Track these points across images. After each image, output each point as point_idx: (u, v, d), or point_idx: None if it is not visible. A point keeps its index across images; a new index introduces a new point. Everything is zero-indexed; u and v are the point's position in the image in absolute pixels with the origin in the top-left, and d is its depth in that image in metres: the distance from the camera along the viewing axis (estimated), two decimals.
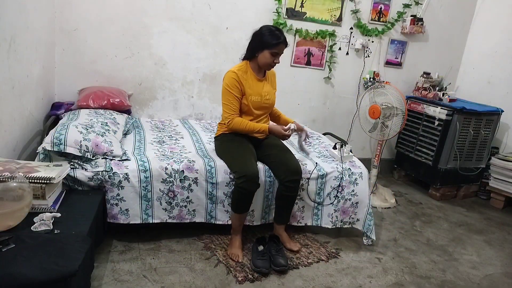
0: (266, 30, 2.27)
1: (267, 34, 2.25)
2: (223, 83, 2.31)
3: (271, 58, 2.27)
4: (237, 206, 2.23)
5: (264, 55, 2.27)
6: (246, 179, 2.13)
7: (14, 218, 1.56)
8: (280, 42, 2.24)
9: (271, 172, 2.34)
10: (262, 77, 2.40)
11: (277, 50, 2.25)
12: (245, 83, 2.30)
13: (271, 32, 2.25)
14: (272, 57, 2.27)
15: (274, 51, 2.25)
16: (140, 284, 1.92)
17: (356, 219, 2.52)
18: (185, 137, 2.76)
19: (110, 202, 2.13)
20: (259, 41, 2.27)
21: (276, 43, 2.23)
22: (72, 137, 2.09)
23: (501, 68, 3.77)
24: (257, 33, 2.30)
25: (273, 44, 2.23)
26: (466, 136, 3.45)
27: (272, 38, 2.23)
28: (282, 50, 2.29)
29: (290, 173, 2.25)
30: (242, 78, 2.29)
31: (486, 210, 3.43)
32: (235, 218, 2.27)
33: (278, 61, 2.31)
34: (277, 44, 2.24)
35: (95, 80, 3.05)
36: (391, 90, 3.14)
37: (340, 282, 2.14)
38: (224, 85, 2.29)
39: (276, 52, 2.26)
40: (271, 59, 2.27)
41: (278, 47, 2.25)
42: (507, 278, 2.39)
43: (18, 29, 2.11)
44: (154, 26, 3.11)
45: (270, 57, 2.27)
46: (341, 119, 3.87)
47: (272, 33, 2.24)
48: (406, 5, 3.68)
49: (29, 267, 1.32)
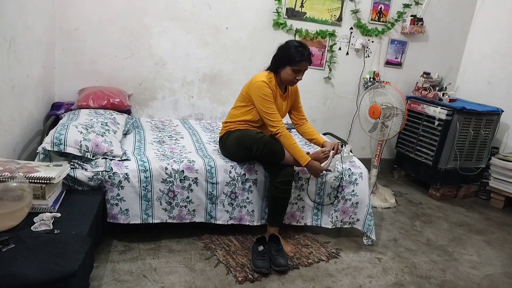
0: (290, 46, 2.23)
1: (291, 50, 2.21)
2: (257, 92, 2.23)
3: (293, 75, 2.23)
4: None
5: (286, 71, 2.23)
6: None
7: (14, 218, 1.56)
8: (303, 59, 2.19)
9: None
10: (284, 92, 2.38)
11: (299, 67, 2.21)
12: (274, 95, 2.28)
13: (295, 48, 2.20)
14: (294, 73, 2.23)
15: (296, 68, 2.21)
16: (140, 284, 1.92)
17: (356, 219, 2.52)
18: (185, 137, 2.76)
19: (110, 202, 2.13)
20: (283, 56, 2.23)
21: (299, 60, 2.19)
22: (72, 137, 2.09)
23: (501, 68, 3.77)
24: (282, 47, 2.26)
25: (296, 61, 2.19)
26: (466, 136, 3.45)
27: (295, 54, 2.19)
28: (306, 67, 2.24)
29: (282, 174, 2.23)
30: (273, 90, 2.27)
31: (486, 210, 3.43)
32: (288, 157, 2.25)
33: (301, 78, 2.26)
34: (300, 62, 2.19)
35: (95, 80, 3.05)
36: (391, 90, 3.14)
37: (340, 282, 2.14)
38: (261, 95, 2.22)
39: (299, 70, 2.22)
40: (292, 75, 2.23)
41: (301, 65, 2.21)
42: (507, 278, 2.39)
43: (18, 29, 2.11)
44: (154, 26, 3.11)
45: (292, 74, 2.22)
46: (341, 119, 3.87)
47: (296, 50, 2.20)
48: (406, 5, 3.68)
49: (29, 267, 1.32)
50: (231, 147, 2.34)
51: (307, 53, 2.22)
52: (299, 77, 2.26)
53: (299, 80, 2.28)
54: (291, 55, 2.20)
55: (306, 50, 2.22)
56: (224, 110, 3.45)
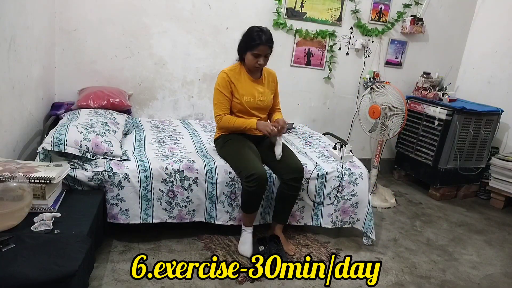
0: (249, 31, 2.25)
1: (248, 36, 2.23)
2: (215, 83, 2.32)
3: (254, 59, 2.24)
4: (247, 206, 2.24)
5: (248, 57, 2.26)
6: (254, 178, 2.11)
7: (14, 218, 1.56)
8: (259, 43, 2.19)
9: (271, 172, 2.34)
10: (257, 78, 2.39)
11: (257, 51, 2.21)
12: (237, 83, 2.31)
13: (252, 33, 2.22)
14: (254, 58, 2.23)
15: (255, 53, 2.22)
16: (140, 284, 1.92)
17: (356, 219, 2.52)
18: (185, 137, 2.76)
19: (110, 202, 2.13)
20: (243, 43, 2.27)
21: (255, 44, 2.19)
22: (72, 137, 2.09)
23: (501, 68, 3.77)
24: (243, 35, 2.29)
25: (253, 45, 2.20)
26: (466, 136, 3.45)
27: (252, 39, 2.20)
28: (264, 51, 2.23)
29: (292, 171, 2.25)
30: (233, 78, 2.30)
31: (486, 210, 3.43)
32: (246, 217, 2.28)
33: (262, 62, 2.25)
34: (256, 46, 2.20)
35: (95, 80, 3.05)
36: (391, 90, 3.14)
37: (340, 282, 2.14)
38: (216, 85, 2.32)
39: (258, 54, 2.22)
40: (254, 60, 2.24)
41: (258, 49, 2.20)
42: (507, 278, 2.39)
43: (18, 29, 2.11)
44: (154, 26, 3.11)
45: (253, 59, 2.24)
46: (341, 119, 3.87)
47: (253, 34, 2.21)
48: (406, 5, 3.68)
49: (29, 267, 1.32)
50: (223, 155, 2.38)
51: (265, 36, 2.20)
52: (260, 61, 2.24)
53: (261, 64, 2.26)
54: (249, 40, 2.21)
55: (264, 34, 2.20)
56: None
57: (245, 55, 2.27)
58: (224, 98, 2.29)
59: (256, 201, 2.22)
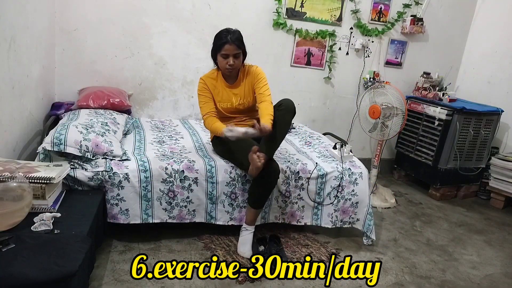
0: (217, 34, 2.23)
1: (216, 37, 2.22)
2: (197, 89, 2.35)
3: (224, 61, 2.21)
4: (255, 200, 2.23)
5: (219, 60, 2.24)
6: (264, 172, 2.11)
7: (14, 218, 1.56)
8: (225, 42, 2.16)
9: None
10: (232, 82, 2.35)
11: (224, 51, 2.18)
12: (214, 90, 2.32)
13: (219, 34, 2.21)
14: (224, 59, 2.21)
15: (223, 53, 2.19)
16: (140, 284, 1.92)
17: (356, 219, 2.52)
18: (185, 137, 2.76)
19: (110, 202, 2.13)
20: (213, 46, 2.25)
21: (221, 43, 2.17)
22: (72, 137, 2.09)
23: (501, 68, 3.77)
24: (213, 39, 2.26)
25: (219, 45, 2.18)
26: (466, 136, 3.45)
27: (219, 40, 2.19)
28: (232, 51, 2.17)
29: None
30: (210, 84, 2.32)
31: (486, 210, 3.43)
32: (251, 213, 2.26)
33: (232, 63, 2.19)
34: (222, 45, 2.17)
35: (95, 80, 3.05)
36: (391, 90, 3.14)
37: (340, 282, 2.14)
38: (197, 91, 2.34)
39: (226, 54, 2.18)
40: (224, 62, 2.21)
41: (225, 48, 2.17)
42: (507, 278, 2.39)
43: (18, 29, 2.11)
44: (154, 26, 3.11)
45: (223, 60, 2.21)
46: (341, 119, 3.87)
47: (220, 35, 2.20)
48: (406, 5, 3.68)
49: (29, 267, 1.32)
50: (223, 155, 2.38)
51: (231, 36, 2.17)
52: (230, 62, 2.19)
53: (232, 65, 2.20)
54: (216, 41, 2.20)
55: (230, 34, 2.18)
56: None
57: (217, 59, 2.26)
58: (206, 99, 2.31)
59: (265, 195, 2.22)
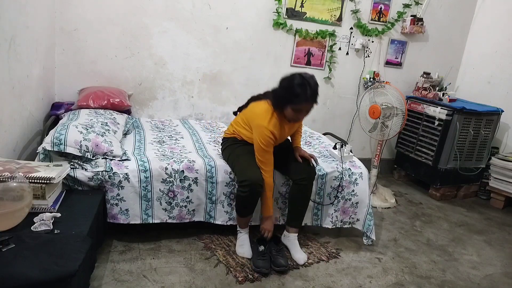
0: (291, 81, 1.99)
1: (291, 88, 1.98)
2: (257, 135, 2.09)
3: (295, 114, 2.04)
4: (240, 210, 2.24)
5: (288, 110, 2.04)
6: (246, 184, 2.09)
7: (14, 218, 1.56)
8: (303, 100, 1.97)
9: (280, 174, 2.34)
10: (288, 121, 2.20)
11: (300, 107, 2.01)
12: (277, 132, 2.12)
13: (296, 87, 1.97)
14: (295, 113, 2.04)
15: (297, 108, 2.01)
16: (140, 284, 1.92)
17: (356, 219, 2.52)
18: (185, 137, 2.76)
19: (110, 202, 2.13)
20: (285, 93, 2.01)
21: (298, 100, 1.97)
22: (72, 137, 2.09)
23: (501, 68, 3.77)
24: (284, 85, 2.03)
25: (296, 101, 1.99)
26: (466, 136, 3.45)
27: (295, 94, 1.96)
28: (309, 108, 2.03)
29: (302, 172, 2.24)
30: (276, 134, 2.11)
31: (486, 210, 3.43)
32: (240, 219, 2.29)
33: (302, 118, 2.11)
34: (299, 102, 1.98)
35: (95, 80, 3.05)
36: (391, 90, 3.14)
37: (340, 282, 2.14)
38: (259, 142, 2.08)
39: (300, 109, 2.02)
40: (294, 115, 2.05)
41: (301, 105, 2.00)
42: (507, 278, 2.39)
43: (18, 29, 2.11)
44: (154, 26, 3.11)
45: (293, 114, 2.04)
46: (341, 119, 3.87)
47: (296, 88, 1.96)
48: (406, 5, 3.68)
49: (29, 267, 1.32)
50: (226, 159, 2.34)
51: (310, 92, 1.97)
52: (301, 116, 2.08)
53: (301, 119, 2.13)
54: (291, 94, 1.98)
55: (310, 88, 1.97)
56: (224, 110, 3.46)
57: (285, 107, 2.04)
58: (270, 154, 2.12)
59: (249, 206, 2.20)
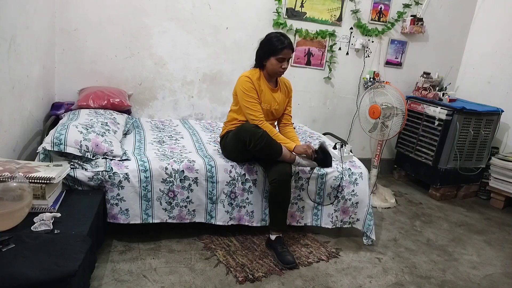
0: (271, 37, 2.29)
1: (271, 41, 2.27)
2: (239, 87, 2.31)
3: (278, 64, 2.27)
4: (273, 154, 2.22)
5: (271, 62, 2.28)
6: None
7: (14, 218, 1.56)
8: (284, 46, 2.24)
9: None
10: (275, 86, 2.41)
11: (282, 55, 2.25)
12: (258, 90, 2.32)
13: (276, 38, 2.26)
14: (278, 63, 2.27)
15: (280, 57, 2.25)
16: (140, 284, 1.92)
17: (356, 219, 2.52)
18: (185, 137, 2.76)
19: (110, 202, 2.13)
20: (265, 49, 2.29)
21: (281, 48, 2.24)
22: (72, 137, 2.09)
23: (501, 68, 3.77)
24: (263, 41, 2.32)
25: (278, 49, 2.24)
26: (466, 136, 3.45)
27: (276, 43, 2.24)
28: (289, 55, 2.28)
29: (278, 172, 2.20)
30: (256, 84, 2.31)
31: (486, 210, 3.43)
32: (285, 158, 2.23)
33: (286, 67, 2.30)
34: (281, 49, 2.24)
35: (95, 80, 3.05)
36: (391, 90, 3.14)
37: (340, 282, 2.14)
38: (241, 89, 2.29)
39: (282, 58, 2.26)
40: (278, 65, 2.27)
41: (283, 52, 2.25)
42: (507, 278, 2.39)
43: (18, 29, 2.11)
44: (154, 26, 3.11)
45: (277, 63, 2.27)
46: (341, 119, 3.87)
47: (277, 39, 2.26)
48: (406, 5, 3.68)
49: (29, 267, 1.32)
50: (230, 144, 2.34)
51: (287, 41, 2.26)
52: (285, 65, 2.29)
53: (285, 68, 2.30)
54: (273, 45, 2.25)
55: (286, 39, 2.27)
56: (224, 110, 3.46)
57: (267, 61, 2.29)
58: (255, 100, 2.29)
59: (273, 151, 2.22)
